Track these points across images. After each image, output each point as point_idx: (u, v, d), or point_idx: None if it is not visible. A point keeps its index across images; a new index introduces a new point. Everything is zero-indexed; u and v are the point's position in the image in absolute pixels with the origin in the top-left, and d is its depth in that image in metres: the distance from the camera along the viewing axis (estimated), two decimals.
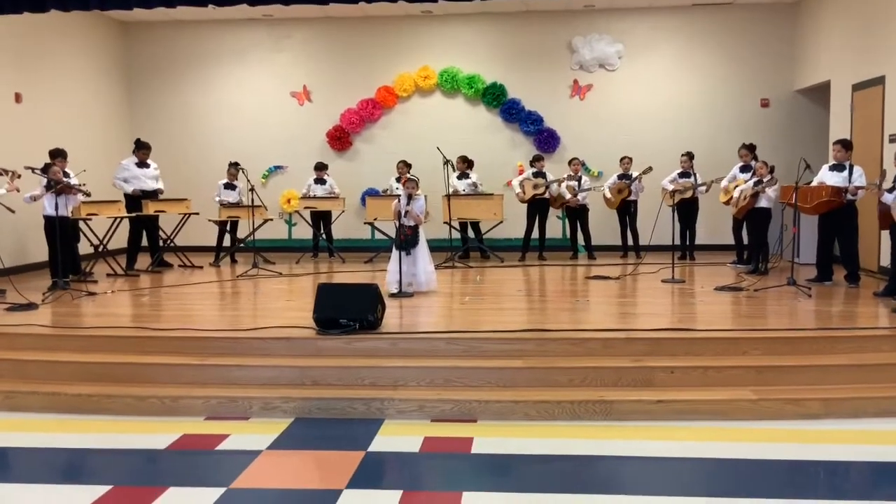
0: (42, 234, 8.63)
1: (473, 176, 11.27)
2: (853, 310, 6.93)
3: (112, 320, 6.60)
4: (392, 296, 7.53)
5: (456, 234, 10.80)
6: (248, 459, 4.47)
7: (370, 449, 4.64)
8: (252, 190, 9.86)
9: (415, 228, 7.75)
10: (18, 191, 8.11)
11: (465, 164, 11.25)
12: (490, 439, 4.81)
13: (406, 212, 7.64)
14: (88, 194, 8.73)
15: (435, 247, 10.64)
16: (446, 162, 9.83)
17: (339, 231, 11.97)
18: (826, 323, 6.26)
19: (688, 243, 10.77)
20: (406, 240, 7.63)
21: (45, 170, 8.40)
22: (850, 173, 7.87)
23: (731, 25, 11.93)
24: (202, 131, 12.73)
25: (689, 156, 10.65)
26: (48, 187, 8.27)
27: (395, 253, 7.74)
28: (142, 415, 5.28)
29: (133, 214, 9.86)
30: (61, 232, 8.38)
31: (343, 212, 11.48)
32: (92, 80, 11.92)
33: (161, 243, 10.44)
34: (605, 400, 5.11)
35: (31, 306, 7.18)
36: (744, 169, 9.63)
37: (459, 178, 11.23)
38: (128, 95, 12.76)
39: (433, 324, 6.54)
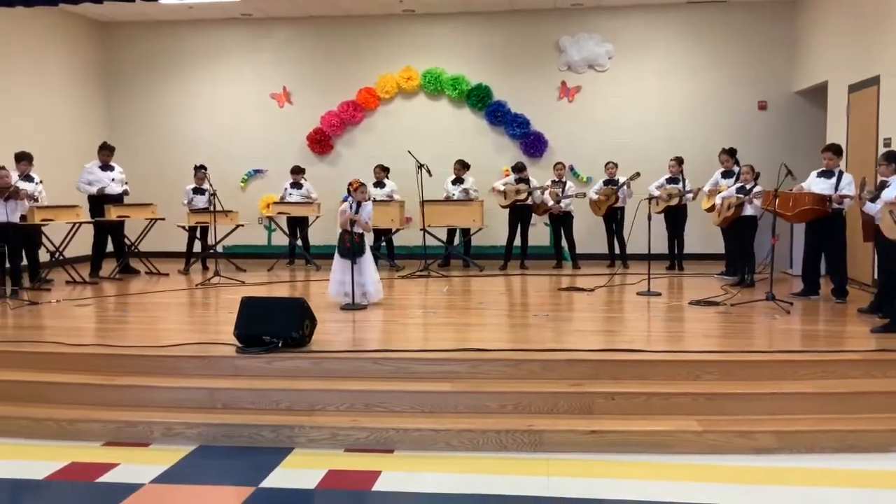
0: None
1: (469, 181, 10.81)
2: (831, 329, 6.38)
3: (30, 333, 6.22)
4: (344, 309, 7.13)
5: (432, 241, 10.36)
6: (123, 494, 4.06)
7: (262, 485, 4.21)
8: (214, 194, 9.47)
9: (361, 236, 7.33)
10: None
11: (463, 169, 10.83)
12: (400, 474, 4.36)
13: (354, 221, 7.21)
14: (36, 199, 8.43)
15: (412, 255, 10.31)
16: (420, 166, 9.44)
17: (318, 237, 11.57)
18: (796, 344, 5.71)
19: (676, 252, 10.22)
20: (353, 247, 7.18)
21: None
22: (839, 181, 7.32)
23: (727, 24, 11.34)
24: (181, 133, 12.39)
25: (679, 160, 10.12)
26: None
27: (338, 262, 7.31)
28: (36, 438, 4.90)
29: (94, 220, 9.53)
30: (15, 238, 8.14)
31: (319, 217, 11.06)
32: (68, 81, 11.62)
33: (126, 249, 10.11)
34: (534, 429, 4.64)
35: None
36: (725, 175, 9.17)
37: (454, 182, 10.79)
38: (106, 97, 12.45)
39: (376, 341, 6.11)
